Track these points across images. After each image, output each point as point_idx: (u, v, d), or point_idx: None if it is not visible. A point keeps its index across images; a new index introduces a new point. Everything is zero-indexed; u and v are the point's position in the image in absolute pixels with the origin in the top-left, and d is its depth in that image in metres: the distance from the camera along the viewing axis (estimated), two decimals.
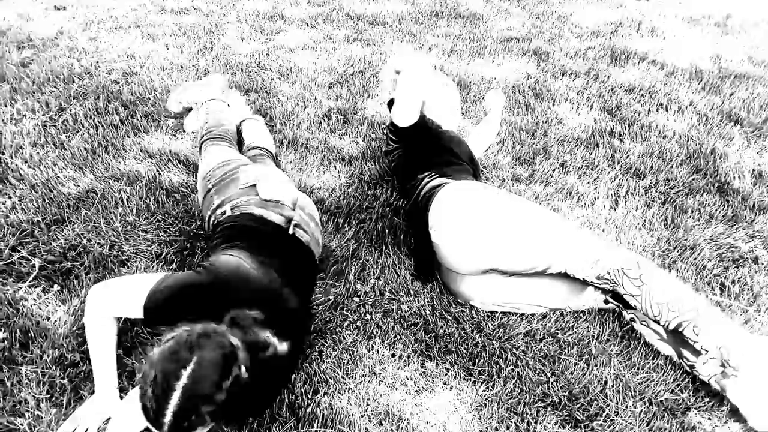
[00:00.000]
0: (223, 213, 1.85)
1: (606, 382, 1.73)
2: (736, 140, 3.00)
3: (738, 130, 3.10)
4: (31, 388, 1.58)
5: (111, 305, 1.54)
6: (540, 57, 3.79)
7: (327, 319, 1.89)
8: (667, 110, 3.25)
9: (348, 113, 2.95)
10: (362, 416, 1.62)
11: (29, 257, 1.97)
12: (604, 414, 1.65)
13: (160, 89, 2.99)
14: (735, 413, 1.64)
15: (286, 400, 1.61)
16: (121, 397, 1.57)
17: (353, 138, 2.77)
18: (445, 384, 1.73)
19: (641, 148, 2.87)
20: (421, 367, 1.77)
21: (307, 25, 3.98)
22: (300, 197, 1.96)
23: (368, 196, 2.43)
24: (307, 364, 1.73)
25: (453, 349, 1.82)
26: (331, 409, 1.62)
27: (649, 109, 3.24)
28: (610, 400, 1.68)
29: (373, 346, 1.82)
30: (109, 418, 1.52)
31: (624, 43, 4.06)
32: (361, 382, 1.70)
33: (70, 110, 2.74)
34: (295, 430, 1.56)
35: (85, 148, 2.50)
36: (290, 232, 1.79)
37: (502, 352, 1.82)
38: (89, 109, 2.77)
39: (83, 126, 2.64)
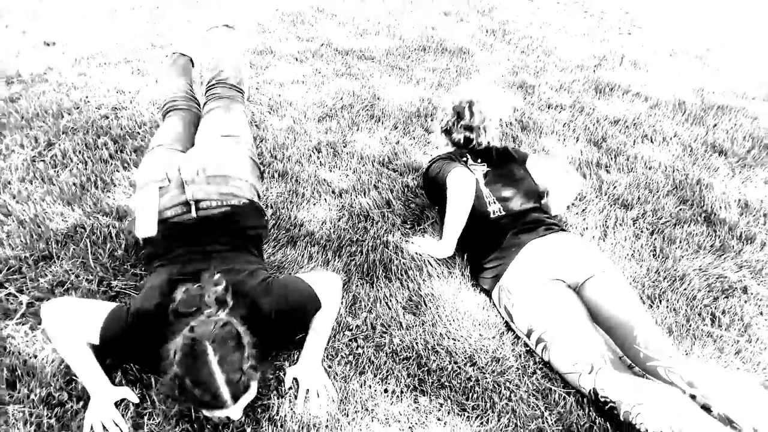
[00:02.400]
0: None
1: (595, 419, 1.72)
2: (721, 171, 3.05)
3: (723, 160, 3.15)
4: (18, 429, 1.54)
5: (71, 332, 1.62)
6: (526, 90, 3.85)
7: None
8: (652, 141, 3.30)
9: (337, 146, 2.96)
10: None
11: (17, 294, 1.95)
12: None
13: (150, 123, 3.00)
14: None
15: None
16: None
17: (343, 171, 2.78)
18: (438, 420, 1.71)
19: (628, 179, 2.90)
20: (415, 402, 1.75)
21: (296, 59, 4.02)
22: (184, 166, 1.93)
23: (358, 228, 2.43)
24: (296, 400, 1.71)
25: (446, 384, 1.81)
26: None
27: (635, 141, 3.29)
28: None
29: (365, 382, 1.79)
30: (123, 399, 1.64)
31: (608, 76, 4.14)
32: (353, 419, 1.68)
33: (59, 145, 2.73)
34: None
35: (73, 183, 2.48)
36: (194, 215, 1.82)
37: (496, 386, 1.81)
38: (78, 143, 2.76)
39: (72, 161, 2.63)
